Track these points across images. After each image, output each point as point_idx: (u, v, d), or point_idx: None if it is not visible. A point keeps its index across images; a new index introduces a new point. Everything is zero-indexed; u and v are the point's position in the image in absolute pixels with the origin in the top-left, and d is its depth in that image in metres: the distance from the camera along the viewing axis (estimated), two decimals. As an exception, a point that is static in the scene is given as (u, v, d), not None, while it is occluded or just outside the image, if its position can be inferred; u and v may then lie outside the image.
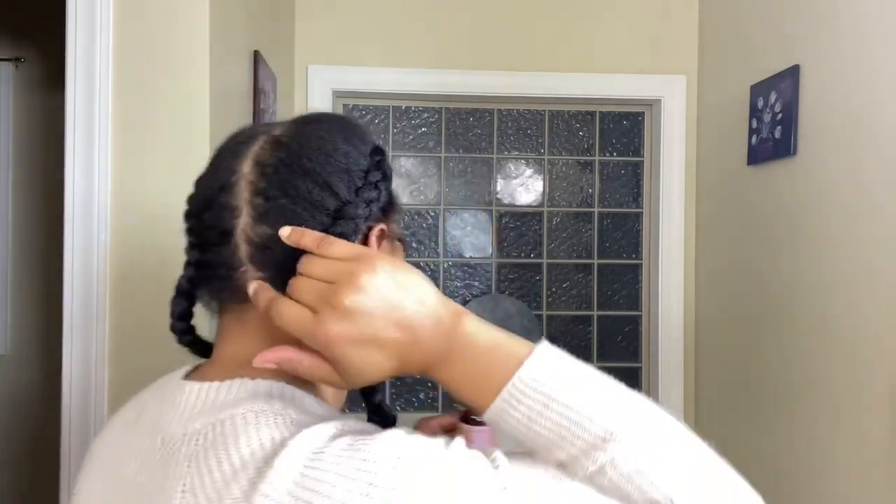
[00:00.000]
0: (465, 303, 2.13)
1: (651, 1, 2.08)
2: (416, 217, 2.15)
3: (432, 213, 2.15)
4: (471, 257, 2.15)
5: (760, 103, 1.70)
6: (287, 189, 0.52)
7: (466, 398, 0.48)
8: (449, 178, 2.16)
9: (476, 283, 2.16)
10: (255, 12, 1.54)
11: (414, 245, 2.14)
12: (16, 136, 2.48)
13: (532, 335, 2.09)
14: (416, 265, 2.14)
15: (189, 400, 0.52)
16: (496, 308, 2.11)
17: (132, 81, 1.15)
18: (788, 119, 1.57)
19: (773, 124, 1.64)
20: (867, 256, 1.33)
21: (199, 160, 0.58)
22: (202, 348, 0.61)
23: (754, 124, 1.73)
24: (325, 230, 0.52)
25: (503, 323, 2.10)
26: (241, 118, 1.39)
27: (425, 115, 2.15)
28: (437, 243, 2.15)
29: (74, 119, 1.13)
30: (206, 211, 0.54)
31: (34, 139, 2.49)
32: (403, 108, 2.14)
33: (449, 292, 2.14)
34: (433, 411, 2.14)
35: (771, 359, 1.65)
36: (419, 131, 2.15)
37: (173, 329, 0.60)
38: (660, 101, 2.09)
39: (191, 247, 0.56)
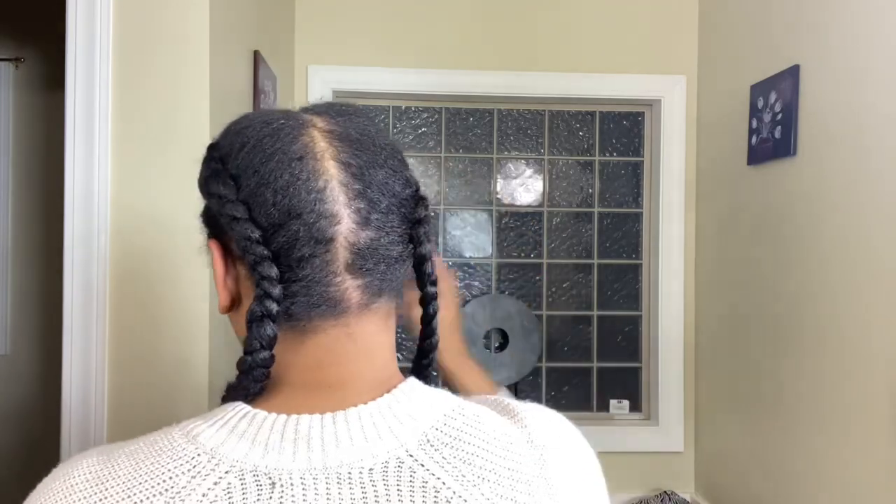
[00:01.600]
0: (465, 303, 2.13)
1: (651, 1, 2.08)
2: (416, 217, 2.15)
3: (432, 214, 2.15)
4: (471, 257, 2.15)
5: (760, 103, 1.70)
6: (385, 191, 0.52)
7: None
8: (449, 178, 2.16)
9: (476, 283, 2.16)
10: (255, 12, 1.54)
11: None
12: (16, 136, 2.48)
13: (532, 335, 2.09)
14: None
15: (367, 425, 0.49)
16: (496, 308, 2.11)
17: (132, 81, 1.15)
18: (788, 119, 1.57)
19: (773, 124, 1.64)
20: (867, 256, 1.33)
21: (199, 160, 0.56)
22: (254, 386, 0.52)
23: (754, 124, 1.73)
24: (412, 230, 0.54)
25: (503, 323, 2.10)
26: (241, 118, 1.39)
27: (425, 115, 2.15)
28: (437, 243, 2.15)
29: (74, 119, 1.13)
30: (295, 220, 0.49)
31: (34, 139, 2.49)
32: (403, 108, 2.14)
33: (449, 292, 2.14)
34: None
35: (771, 358, 1.65)
36: (419, 131, 2.15)
37: (254, 365, 0.49)
38: (660, 101, 2.09)
39: (266, 261, 0.49)
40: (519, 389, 2.15)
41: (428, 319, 0.60)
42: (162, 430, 0.50)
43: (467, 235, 2.16)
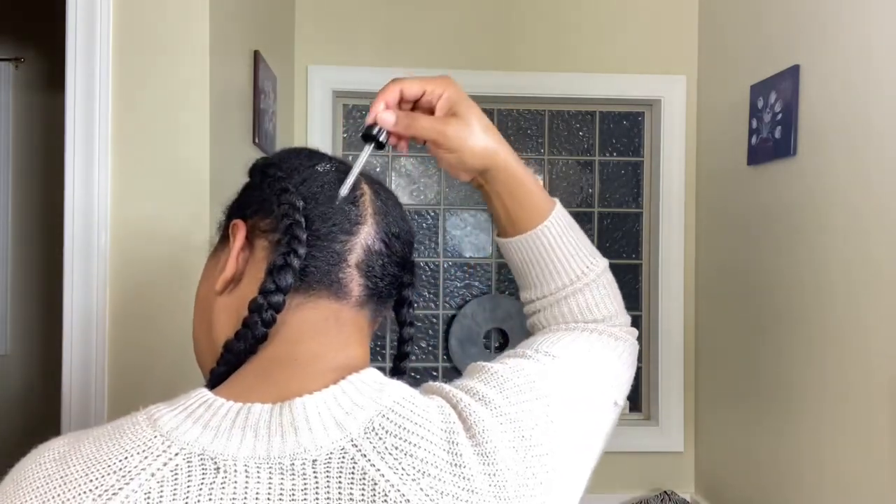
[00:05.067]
0: (465, 303, 2.13)
1: (651, 1, 2.08)
2: (416, 217, 2.15)
3: (432, 213, 2.15)
4: (471, 257, 2.15)
5: (760, 103, 1.70)
6: (398, 222, 0.62)
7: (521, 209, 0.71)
8: (449, 178, 2.16)
9: (476, 283, 2.16)
10: (255, 12, 1.54)
11: (413, 245, 2.14)
12: (16, 136, 2.48)
13: (532, 335, 2.09)
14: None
15: (311, 416, 0.50)
16: (496, 308, 2.11)
17: (132, 81, 1.15)
18: (788, 119, 1.57)
19: (773, 124, 1.64)
20: (867, 256, 1.33)
21: (199, 160, 0.57)
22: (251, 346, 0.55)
23: (754, 124, 1.73)
24: (402, 269, 0.64)
25: (503, 323, 2.10)
26: (241, 118, 1.39)
27: (425, 115, 2.14)
28: (437, 243, 2.16)
29: (74, 119, 1.13)
30: (334, 202, 0.58)
31: (34, 139, 2.49)
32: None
33: (449, 292, 2.14)
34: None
35: (771, 358, 1.65)
36: (419, 131, 2.15)
37: (265, 306, 0.53)
38: (660, 101, 2.09)
39: (301, 226, 0.55)
40: (519, 389, 2.15)
41: (400, 357, 0.66)
42: (130, 415, 0.53)
43: (467, 235, 2.16)
